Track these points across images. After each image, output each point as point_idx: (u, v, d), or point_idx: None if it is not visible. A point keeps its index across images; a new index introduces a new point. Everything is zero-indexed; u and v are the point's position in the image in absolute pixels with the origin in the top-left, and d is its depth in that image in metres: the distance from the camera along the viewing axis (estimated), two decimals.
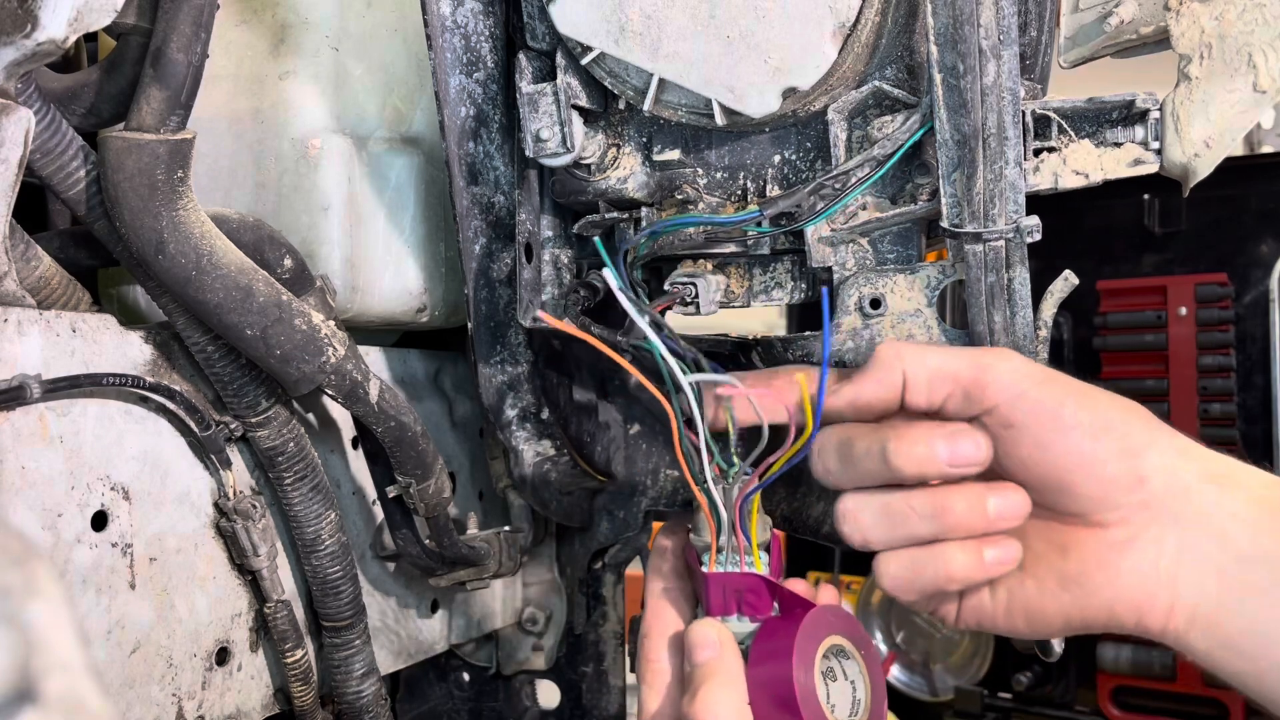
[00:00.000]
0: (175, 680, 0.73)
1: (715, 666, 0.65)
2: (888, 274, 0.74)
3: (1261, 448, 1.51)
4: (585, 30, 0.72)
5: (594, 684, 1.11)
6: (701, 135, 0.78)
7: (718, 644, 0.66)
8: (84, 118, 0.71)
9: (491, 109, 0.84)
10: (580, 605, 1.10)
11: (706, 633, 0.67)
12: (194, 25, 0.66)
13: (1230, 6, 0.66)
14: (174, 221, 0.67)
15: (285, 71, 0.87)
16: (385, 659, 0.92)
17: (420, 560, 0.91)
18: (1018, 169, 0.67)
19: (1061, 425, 0.63)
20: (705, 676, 0.65)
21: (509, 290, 0.88)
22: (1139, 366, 1.59)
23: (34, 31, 0.61)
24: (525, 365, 0.92)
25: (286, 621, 0.80)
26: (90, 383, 0.67)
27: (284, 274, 0.76)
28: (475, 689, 1.14)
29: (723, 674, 0.65)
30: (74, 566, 0.67)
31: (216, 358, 0.74)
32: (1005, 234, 0.67)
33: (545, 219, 0.86)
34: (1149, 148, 0.69)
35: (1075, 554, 0.64)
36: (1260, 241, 1.54)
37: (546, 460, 0.96)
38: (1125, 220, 1.63)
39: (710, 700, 0.63)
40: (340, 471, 0.88)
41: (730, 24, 0.69)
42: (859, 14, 0.67)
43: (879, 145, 0.70)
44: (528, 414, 0.94)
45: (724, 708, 0.63)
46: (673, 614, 0.72)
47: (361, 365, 0.79)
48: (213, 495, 0.77)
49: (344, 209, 0.86)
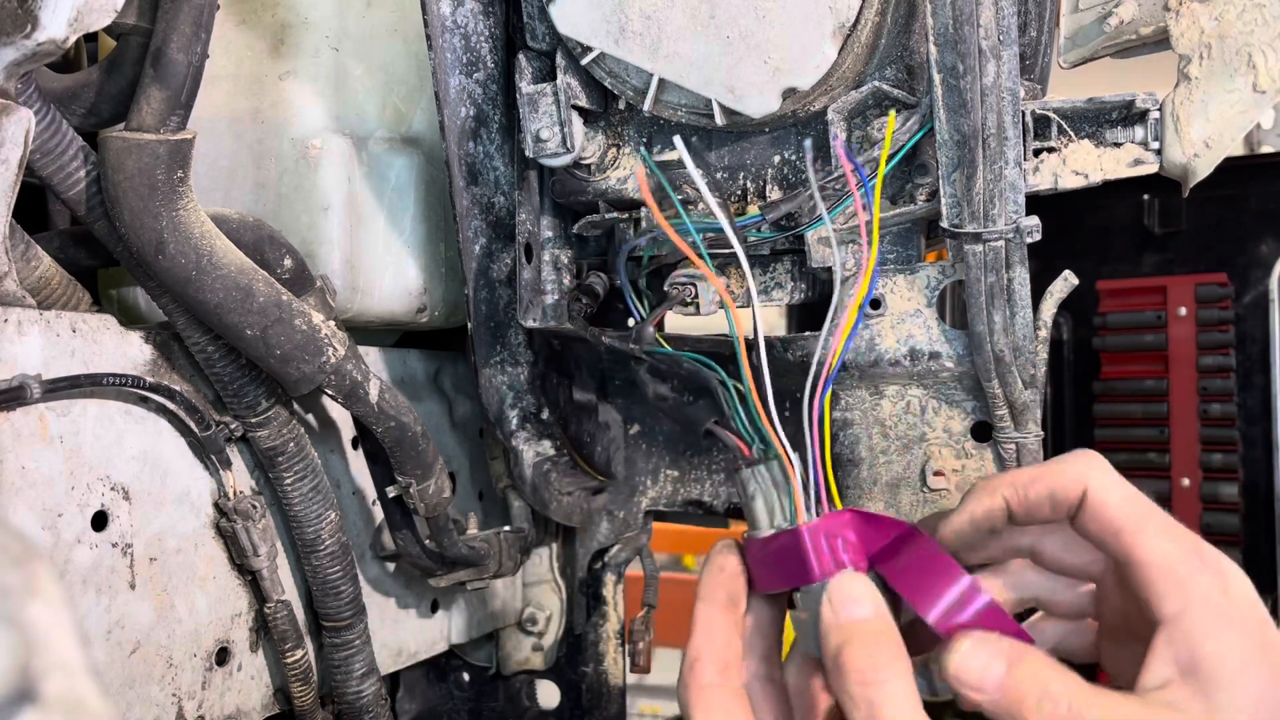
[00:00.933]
0: (175, 680, 0.73)
1: (875, 627, 0.54)
2: (888, 274, 0.74)
3: (1261, 448, 1.51)
4: (585, 30, 0.72)
5: (594, 684, 1.11)
6: (701, 135, 0.78)
7: (869, 599, 0.54)
8: (84, 118, 0.71)
9: (491, 109, 0.84)
10: (580, 605, 1.10)
11: (853, 588, 0.55)
12: (194, 25, 0.66)
13: (1230, 7, 0.66)
14: (174, 221, 0.67)
15: (285, 71, 0.87)
16: (385, 659, 0.92)
17: (420, 560, 0.91)
18: (1018, 169, 0.67)
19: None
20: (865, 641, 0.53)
21: (509, 290, 0.88)
22: (1139, 366, 1.59)
23: (34, 32, 0.61)
24: (525, 365, 0.92)
25: (286, 621, 0.80)
26: (90, 383, 0.67)
27: (284, 274, 0.76)
28: (475, 689, 1.14)
29: (886, 635, 0.54)
30: (74, 566, 0.67)
31: (216, 358, 0.74)
32: (1005, 234, 0.67)
33: (545, 219, 0.86)
34: (1149, 148, 0.69)
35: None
36: (1260, 241, 1.54)
37: (546, 460, 0.96)
38: (1125, 220, 1.63)
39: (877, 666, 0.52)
40: (340, 471, 0.88)
41: (730, 24, 0.69)
42: (859, 14, 0.67)
43: (878, 146, 0.70)
44: (528, 414, 0.94)
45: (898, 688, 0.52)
46: (727, 639, 0.59)
47: (361, 365, 0.79)
48: (213, 495, 0.77)
49: (344, 209, 0.86)
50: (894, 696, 0.52)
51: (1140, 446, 1.54)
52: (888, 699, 0.52)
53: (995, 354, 0.70)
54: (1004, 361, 0.70)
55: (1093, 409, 1.62)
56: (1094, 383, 1.62)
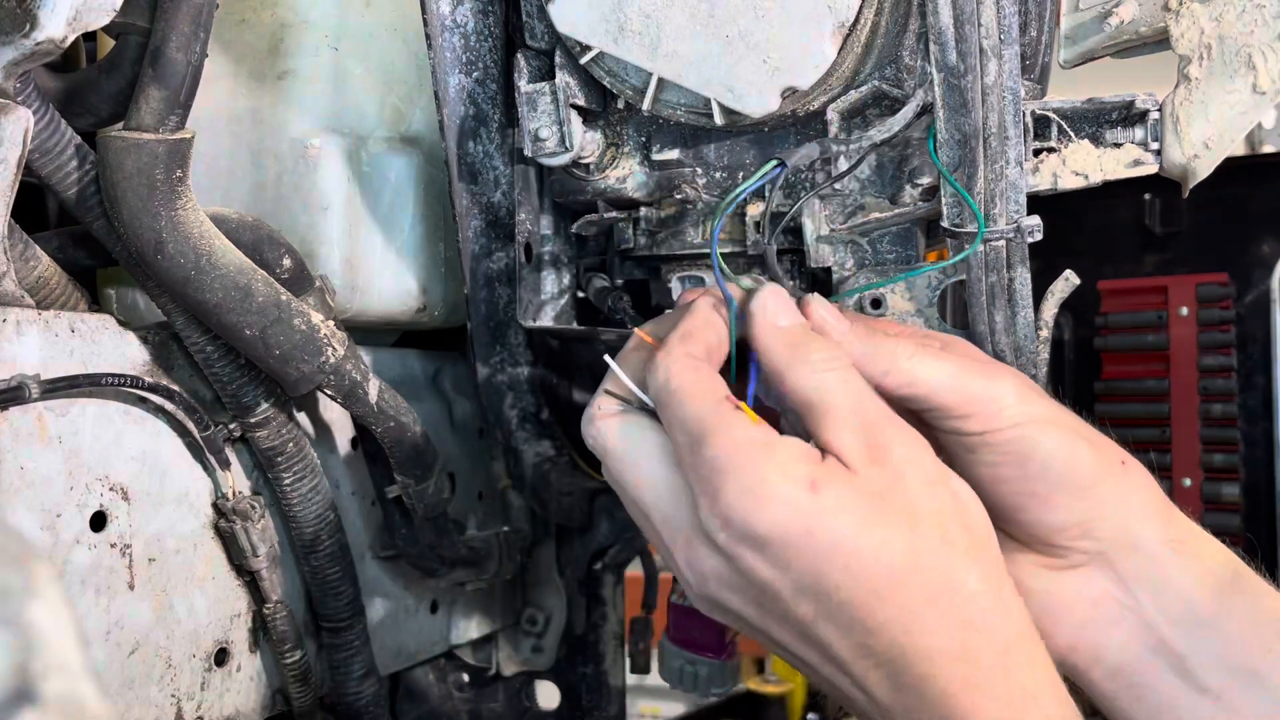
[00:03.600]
0: (174, 681, 0.73)
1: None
2: (888, 274, 0.74)
3: (1263, 448, 1.51)
4: (584, 29, 0.72)
5: (594, 685, 1.11)
6: (701, 135, 0.78)
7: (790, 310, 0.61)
8: (83, 117, 0.71)
9: (491, 108, 0.84)
10: (580, 606, 1.09)
11: (776, 299, 0.61)
12: (193, 24, 0.66)
13: (1230, 7, 0.66)
14: (173, 221, 0.67)
15: (284, 71, 0.87)
16: (385, 660, 0.92)
17: (420, 561, 0.91)
18: (1018, 169, 0.66)
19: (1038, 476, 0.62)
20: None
21: (509, 290, 0.88)
22: (1140, 367, 1.59)
23: (33, 31, 0.61)
24: (525, 365, 0.92)
25: (285, 622, 0.79)
26: (89, 383, 0.67)
27: (283, 274, 0.76)
28: (475, 690, 1.14)
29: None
30: (73, 567, 0.67)
31: (215, 358, 0.74)
32: (1006, 234, 0.67)
33: (545, 218, 0.86)
34: (1149, 148, 0.68)
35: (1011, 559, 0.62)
36: (1262, 241, 1.54)
37: (546, 460, 0.96)
38: (1126, 220, 1.63)
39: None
40: (340, 471, 0.88)
41: (729, 23, 0.68)
42: (858, 13, 0.67)
43: (876, 130, 0.70)
44: (528, 414, 0.94)
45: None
46: (720, 339, 0.62)
47: (361, 365, 0.79)
48: (211, 496, 0.77)
49: (343, 209, 0.86)
50: (837, 379, 0.57)
51: (1141, 446, 1.54)
52: (831, 383, 0.57)
53: (996, 354, 0.70)
54: (1005, 361, 0.70)
55: (1094, 409, 1.62)
56: (1095, 383, 1.62)
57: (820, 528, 0.54)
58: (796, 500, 0.54)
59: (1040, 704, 0.55)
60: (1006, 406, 0.61)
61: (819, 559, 0.54)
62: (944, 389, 0.61)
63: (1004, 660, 0.54)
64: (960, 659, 0.53)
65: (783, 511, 0.53)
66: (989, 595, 0.55)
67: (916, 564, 0.54)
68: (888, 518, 0.54)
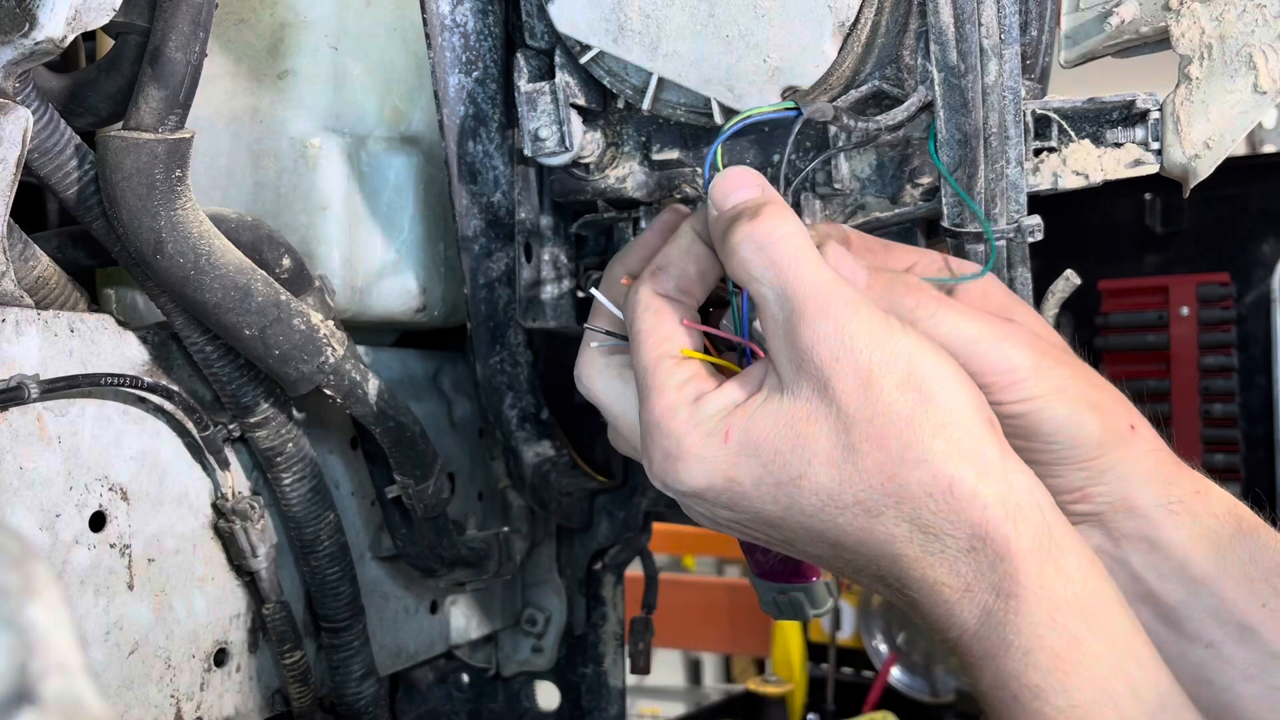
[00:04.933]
0: (174, 681, 0.73)
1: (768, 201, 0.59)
2: None
3: (1263, 448, 1.51)
4: (584, 29, 0.72)
5: (594, 685, 1.11)
6: (701, 134, 0.78)
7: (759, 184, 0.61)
8: (82, 117, 0.71)
9: (491, 108, 0.84)
10: (580, 606, 1.09)
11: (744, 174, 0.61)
12: (192, 24, 0.66)
13: (1230, 7, 0.66)
14: (172, 221, 0.67)
15: (284, 70, 0.87)
16: (384, 660, 0.92)
17: (420, 561, 0.91)
18: (1019, 168, 0.66)
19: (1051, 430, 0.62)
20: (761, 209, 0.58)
21: (509, 290, 0.88)
22: (1141, 367, 1.59)
23: (32, 30, 0.61)
24: (525, 365, 0.92)
25: (285, 622, 0.79)
26: (88, 383, 0.67)
27: (282, 274, 0.76)
28: (475, 690, 1.14)
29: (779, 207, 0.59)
30: (72, 567, 0.67)
31: (215, 358, 0.74)
32: (1007, 234, 0.67)
33: (545, 218, 0.86)
34: (1149, 148, 0.68)
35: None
36: (1262, 241, 1.54)
37: (546, 460, 0.96)
38: (1127, 220, 1.63)
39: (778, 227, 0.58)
40: (340, 472, 0.88)
41: (729, 23, 0.68)
42: (859, 13, 0.67)
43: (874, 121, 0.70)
44: (527, 414, 0.94)
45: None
46: (700, 271, 0.62)
47: (360, 365, 0.79)
48: (211, 496, 0.76)
49: (343, 209, 0.86)
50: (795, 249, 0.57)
51: None
52: (759, 276, 0.57)
53: None
54: None
55: None
56: None
57: (739, 474, 0.56)
58: (712, 456, 0.56)
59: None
60: (1021, 379, 0.60)
61: (749, 500, 0.57)
62: (960, 355, 0.60)
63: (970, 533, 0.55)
64: (922, 549, 0.55)
65: (698, 470, 0.57)
66: (951, 465, 0.54)
67: (845, 476, 0.55)
68: (805, 441, 0.55)
